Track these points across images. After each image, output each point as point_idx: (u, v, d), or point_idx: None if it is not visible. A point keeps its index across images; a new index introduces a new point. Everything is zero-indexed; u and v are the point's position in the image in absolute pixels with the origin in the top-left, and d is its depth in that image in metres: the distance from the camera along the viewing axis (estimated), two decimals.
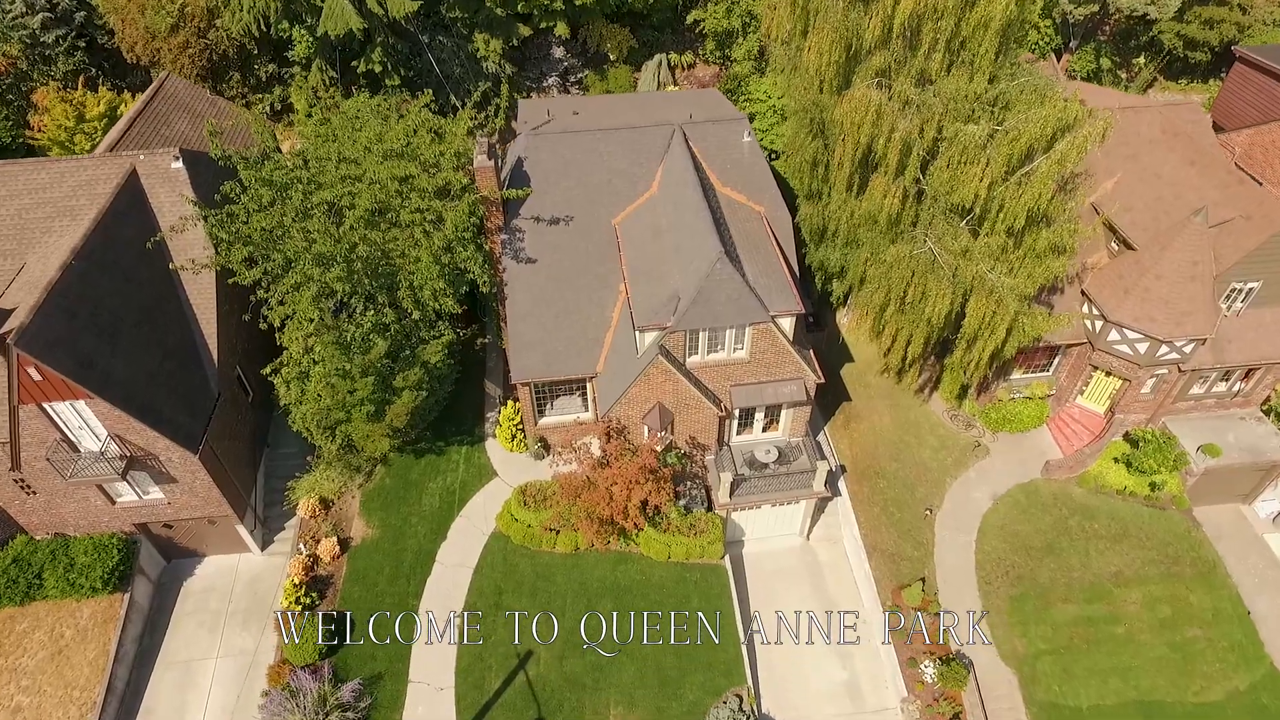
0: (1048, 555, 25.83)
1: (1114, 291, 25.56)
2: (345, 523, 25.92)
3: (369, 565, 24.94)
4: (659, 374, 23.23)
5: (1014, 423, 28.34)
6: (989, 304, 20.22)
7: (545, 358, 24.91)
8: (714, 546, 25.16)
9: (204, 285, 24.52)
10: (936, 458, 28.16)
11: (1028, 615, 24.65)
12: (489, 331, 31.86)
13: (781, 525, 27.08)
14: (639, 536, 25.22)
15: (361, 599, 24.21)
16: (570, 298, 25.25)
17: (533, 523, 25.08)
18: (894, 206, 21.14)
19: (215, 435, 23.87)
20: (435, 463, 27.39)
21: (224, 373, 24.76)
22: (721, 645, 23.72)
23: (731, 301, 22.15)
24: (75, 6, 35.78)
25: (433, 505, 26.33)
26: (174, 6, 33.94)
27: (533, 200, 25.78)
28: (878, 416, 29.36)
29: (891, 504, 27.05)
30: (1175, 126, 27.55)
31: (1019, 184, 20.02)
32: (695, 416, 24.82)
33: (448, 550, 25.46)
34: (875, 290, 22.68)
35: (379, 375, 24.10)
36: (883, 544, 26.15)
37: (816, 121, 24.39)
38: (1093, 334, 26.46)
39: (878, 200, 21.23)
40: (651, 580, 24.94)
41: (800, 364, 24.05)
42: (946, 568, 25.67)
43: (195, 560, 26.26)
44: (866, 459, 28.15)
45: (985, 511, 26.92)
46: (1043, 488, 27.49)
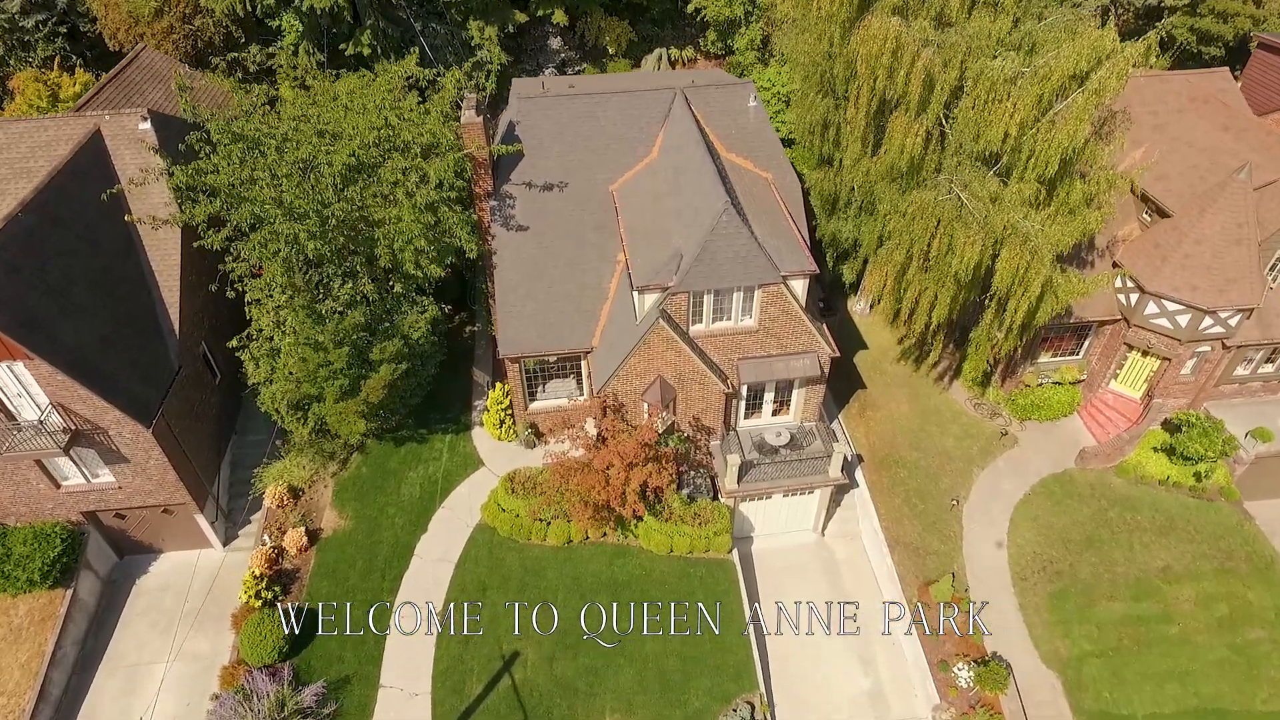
0: (1088, 549, 23.47)
1: (1150, 261, 23.72)
2: (316, 513, 23.63)
3: (340, 558, 22.58)
4: (660, 342, 21.23)
5: (1043, 410, 26.21)
6: (1023, 255, 18.33)
7: (536, 331, 22.95)
8: (720, 539, 22.83)
9: (168, 251, 22.71)
10: (961, 446, 25.97)
11: (1070, 614, 22.21)
12: (478, 319, 29.97)
13: (794, 519, 24.77)
14: (638, 528, 22.91)
15: (330, 595, 21.82)
16: (564, 268, 23.40)
17: (521, 512, 22.80)
18: (915, 147, 19.39)
19: (173, 412, 21.77)
20: (416, 451, 25.20)
21: (186, 346, 22.77)
22: (730, 646, 21.26)
23: (739, 260, 20.27)
24: None
25: (412, 495, 24.06)
26: None
27: (525, 165, 24.13)
28: (895, 405, 27.25)
29: (914, 495, 24.78)
30: (1204, 94, 26.05)
31: (1051, 124, 18.32)
32: (700, 394, 22.74)
33: (428, 543, 23.13)
34: (895, 247, 20.79)
35: (354, 347, 22.12)
36: (906, 537, 23.82)
37: (827, 77, 22.84)
38: (1127, 309, 24.52)
39: (897, 141, 19.50)
40: (652, 576, 22.56)
41: (814, 334, 22.07)
42: (977, 563, 23.30)
43: (151, 557, 23.88)
44: (885, 448, 25.96)
45: (1017, 503, 24.64)
46: (1078, 477, 25.25)
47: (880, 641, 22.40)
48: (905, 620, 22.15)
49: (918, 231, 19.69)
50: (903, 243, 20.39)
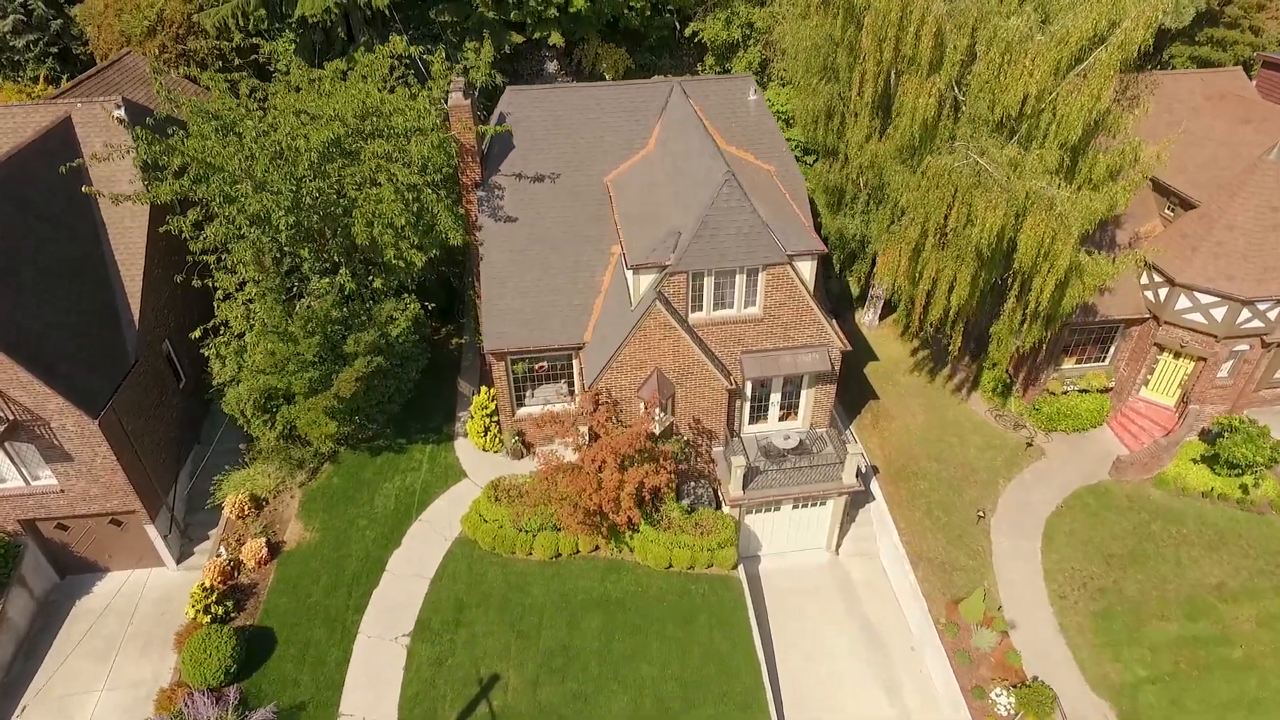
0: (1132, 565, 21.24)
1: (1178, 252, 22.31)
2: (280, 525, 21.49)
3: (303, 573, 20.35)
4: (657, 328, 19.60)
5: (1070, 419, 24.34)
6: (1048, 223, 16.89)
7: (525, 326, 21.37)
8: (725, 552, 20.65)
9: (133, 240, 21.36)
10: (984, 458, 23.98)
11: (1118, 635, 19.83)
12: (466, 331, 28.41)
13: (804, 535, 22.60)
14: (634, 539, 20.76)
15: (289, 612, 19.51)
16: (555, 261, 21.98)
17: (505, 521, 20.69)
18: (929, 109, 18.21)
19: (126, 408, 19.97)
20: (394, 461, 23.21)
21: (146, 339, 21.15)
22: (737, 670, 18.84)
23: (742, 236, 18.85)
24: (53, 14, 34.54)
25: (386, 507, 21.97)
26: (151, 10, 32.60)
27: (515, 156, 23.01)
28: (910, 416, 25.39)
29: (936, 507, 22.68)
30: (1219, 91, 25.19)
31: (1073, 87, 17.18)
32: (700, 391, 20.96)
33: (401, 558, 20.91)
34: (910, 223, 19.36)
35: (327, 339, 20.51)
36: (929, 551, 21.61)
37: (830, 60, 21.92)
38: (1156, 305, 22.98)
39: (909, 103, 18.31)
40: (649, 592, 20.29)
41: (823, 324, 20.45)
42: (1009, 579, 21.04)
43: (96, 576, 21.61)
44: (902, 459, 23.98)
45: (1048, 516, 22.51)
46: (1113, 489, 23.18)
47: (905, 665, 19.96)
48: (933, 642, 19.76)
49: (933, 203, 18.32)
50: (917, 217, 18.99)
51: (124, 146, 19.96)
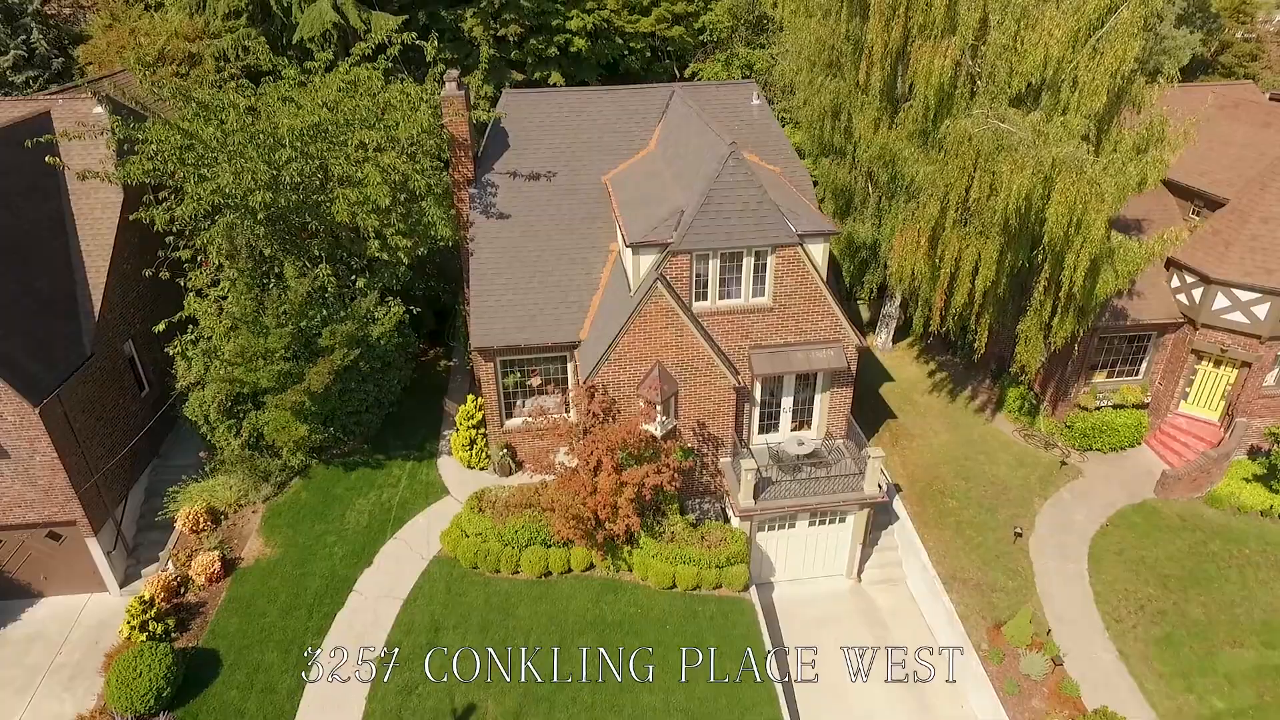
0: (1193, 587, 18.89)
1: (1211, 249, 21.05)
2: (238, 541, 19.26)
3: (259, 592, 18.01)
4: (659, 313, 18.05)
5: (1105, 436, 22.44)
6: (1079, 186, 15.63)
7: (515, 322, 19.84)
8: (735, 570, 18.39)
9: (102, 231, 20.17)
10: (1016, 475, 21.94)
11: (1188, 663, 17.32)
12: (455, 354, 26.82)
13: (822, 559, 20.33)
14: (633, 555, 18.53)
15: (239, 634, 17.09)
16: (550, 258, 20.67)
17: (489, 535, 18.50)
18: (945, 71, 17.27)
19: (76, 404, 18.21)
20: (370, 477, 21.15)
21: (106, 334, 19.59)
22: (751, 703, 16.29)
23: (749, 213, 17.59)
24: (55, 54, 34.67)
25: (358, 524, 19.79)
26: (153, 48, 32.67)
27: (510, 156, 22.05)
28: (932, 434, 23.49)
29: (967, 526, 20.49)
30: (1233, 100, 24.63)
31: (1095, 50, 16.32)
32: (706, 390, 19.21)
33: (371, 578, 18.61)
34: (929, 199, 18.08)
35: (301, 332, 18.98)
36: (963, 572, 19.30)
37: (835, 54, 21.29)
38: (1191, 308, 21.51)
39: (924, 66, 17.38)
40: (650, 615, 17.91)
41: (838, 315, 18.93)
42: (1056, 602, 18.65)
43: (26, 602, 19.24)
44: (926, 476, 21.93)
45: (1093, 535, 20.29)
46: (1162, 508, 21.03)
47: (944, 700, 17.37)
48: (975, 671, 17.24)
49: (953, 173, 17.12)
50: (936, 191, 17.75)
51: (98, 126, 19.03)
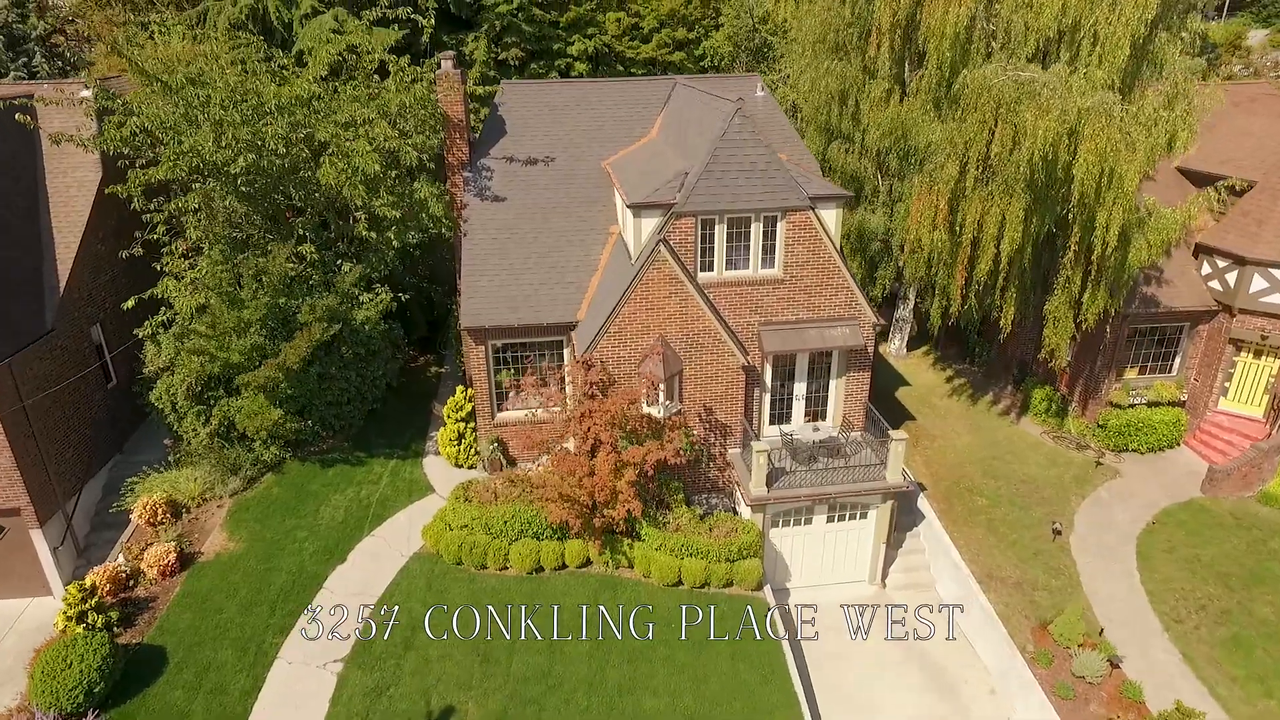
0: (1257, 585, 17.00)
1: (1243, 230, 20.01)
2: (199, 535, 17.49)
3: (217, 587, 16.17)
4: (661, 282, 16.85)
5: (1143, 434, 20.88)
6: (1110, 133, 14.65)
7: (508, 303, 18.62)
8: (747, 565, 16.60)
9: (76, 209, 19.21)
10: (1049, 474, 20.28)
11: (1264, 665, 15.32)
12: (447, 361, 25.50)
13: (842, 563, 18.50)
14: (634, 549, 16.75)
15: (191, 630, 15.19)
16: (546, 239, 19.63)
17: (474, 525, 16.78)
18: (960, 21, 16.50)
19: (29, 380, 16.81)
20: (349, 473, 19.52)
21: (70, 312, 18.36)
22: (769, 708, 14.30)
23: (757, 174, 16.61)
24: (57, 76, 34.68)
25: (333, 519, 18.06)
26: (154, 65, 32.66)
27: (507, 141, 21.29)
28: (954, 435, 21.93)
29: (1000, 523, 18.73)
30: (1249, 96, 24.07)
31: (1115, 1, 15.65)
32: (712, 370, 17.82)
33: (344, 575, 16.78)
34: (948, 158, 17.04)
35: (280, 309, 17.78)
36: (1000, 570, 17.46)
37: (840, 37, 20.76)
38: (1226, 293, 20.31)
39: (938, 20, 16.64)
40: (653, 614, 16.01)
41: (852, 288, 17.73)
42: (1105, 601, 16.75)
43: None
44: (951, 475, 20.27)
45: (1138, 534, 18.51)
46: (1211, 507, 19.29)
47: (987, 713, 15.30)
48: (1020, 675, 15.25)
49: (972, 129, 16.15)
50: (955, 150, 16.75)
51: (76, 90, 18.36)
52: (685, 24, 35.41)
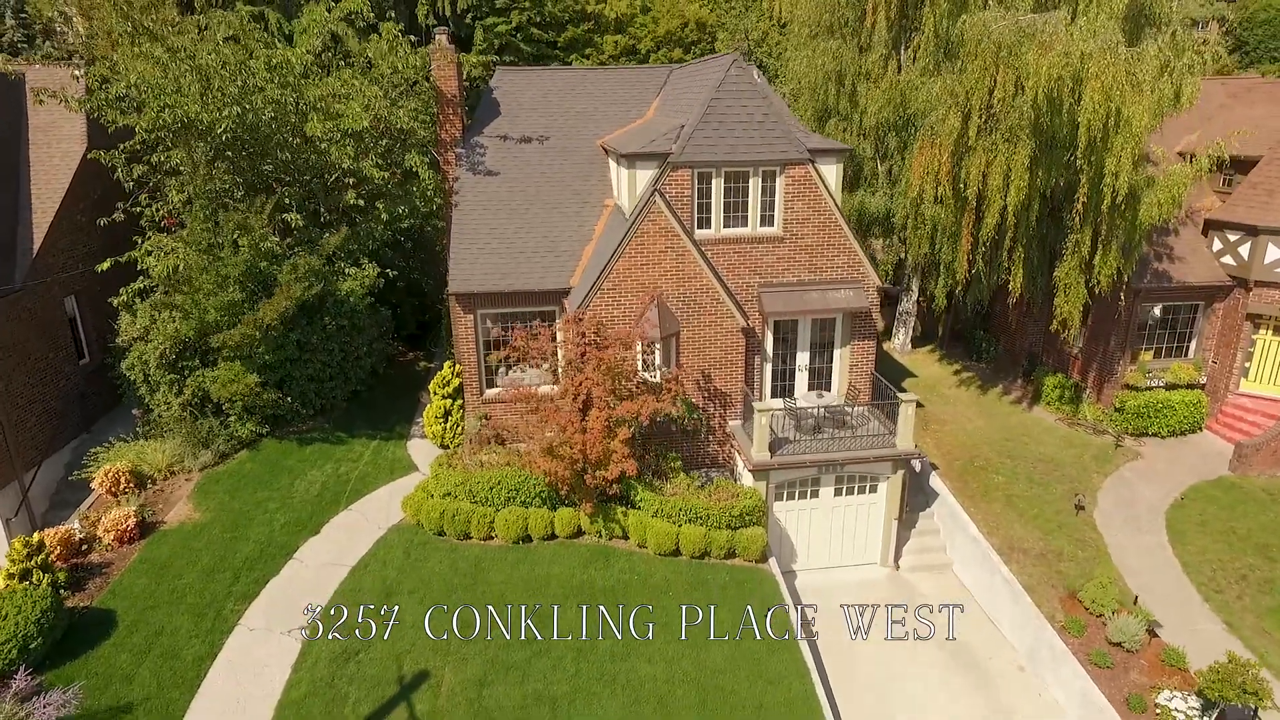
0: None
1: (1253, 202, 19.54)
2: (163, 506, 16.34)
3: (177, 554, 14.97)
4: (657, 235, 16.24)
5: (1163, 416, 19.91)
6: (1115, 70, 14.26)
7: (498, 270, 17.97)
8: (749, 534, 15.44)
9: (57, 179, 18.88)
10: (1067, 454, 19.23)
11: None
12: (436, 358, 24.68)
13: (852, 542, 17.31)
14: (629, 516, 15.61)
15: (146, 595, 13.96)
16: (539, 210, 19.11)
17: (458, 491, 15.69)
18: None
19: None
20: (328, 451, 18.47)
21: (42, 276, 17.70)
22: (778, 676, 12.99)
23: (754, 125, 16.20)
24: None
25: (308, 493, 16.94)
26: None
27: (501, 120, 21.00)
28: (966, 420, 20.95)
29: (1018, 499, 17.59)
30: (1245, 87, 24.02)
31: None
32: (712, 332, 17.04)
33: (316, 547, 15.59)
34: (950, 109, 16.59)
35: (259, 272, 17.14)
36: (1022, 542, 16.26)
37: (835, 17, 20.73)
38: (1242, 267, 19.68)
39: None
40: (650, 582, 14.81)
41: (854, 248, 17.11)
42: (1138, 572, 15.52)
43: None
44: (966, 455, 19.22)
45: (1168, 509, 17.37)
46: (1242, 483, 18.19)
47: (1016, 690, 13.98)
48: (1052, 645, 13.94)
49: (974, 77, 15.74)
50: (957, 100, 16.32)
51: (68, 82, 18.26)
52: (681, 45, 35.94)
